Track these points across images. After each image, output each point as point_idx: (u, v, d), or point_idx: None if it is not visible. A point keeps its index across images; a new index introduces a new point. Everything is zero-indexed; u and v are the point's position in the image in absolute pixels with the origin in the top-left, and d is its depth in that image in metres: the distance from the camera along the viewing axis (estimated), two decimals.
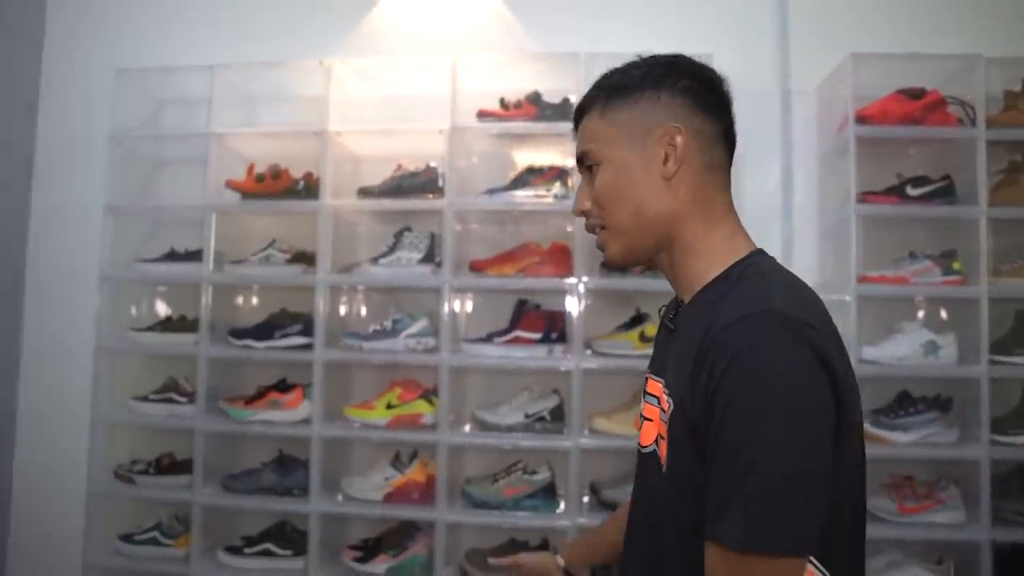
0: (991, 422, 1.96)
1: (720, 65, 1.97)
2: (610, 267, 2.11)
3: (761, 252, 0.92)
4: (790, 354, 0.75)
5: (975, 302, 1.99)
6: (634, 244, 0.93)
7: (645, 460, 0.95)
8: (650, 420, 0.95)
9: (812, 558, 0.77)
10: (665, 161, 0.89)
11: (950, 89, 2.11)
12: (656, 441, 0.91)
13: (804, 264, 2.26)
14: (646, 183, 0.90)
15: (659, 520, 0.89)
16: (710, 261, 0.90)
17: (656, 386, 0.95)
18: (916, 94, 2.09)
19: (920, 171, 2.13)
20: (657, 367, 0.98)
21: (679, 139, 0.89)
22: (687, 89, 0.90)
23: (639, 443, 0.98)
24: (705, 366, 0.78)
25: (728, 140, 0.94)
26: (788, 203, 2.33)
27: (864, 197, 2.05)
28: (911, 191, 2.08)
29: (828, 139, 2.26)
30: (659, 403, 0.91)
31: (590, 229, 0.98)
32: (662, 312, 1.06)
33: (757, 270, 0.86)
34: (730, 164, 0.95)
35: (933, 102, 2.08)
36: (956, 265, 2.05)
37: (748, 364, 0.75)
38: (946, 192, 2.09)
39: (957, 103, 2.09)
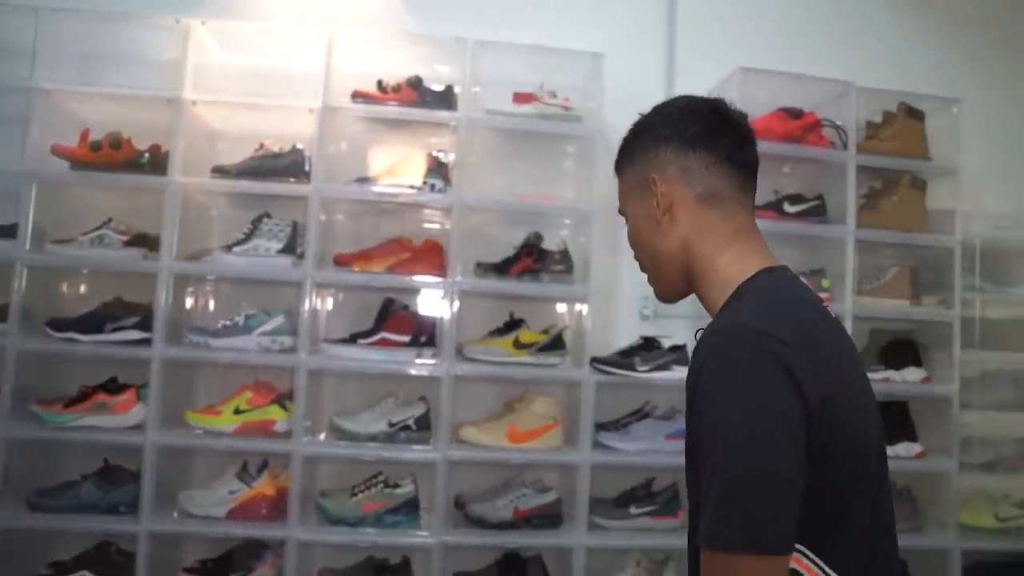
0: None
1: (611, 66, 1.95)
2: (485, 269, 2.08)
3: (769, 270, 0.96)
4: (748, 363, 0.82)
5: (841, 319, 2.05)
6: (663, 281, 1.04)
7: None
8: None
9: (805, 550, 0.83)
10: (658, 207, 1.00)
11: (827, 112, 2.19)
12: None
13: None
14: (652, 228, 1.01)
15: (692, 532, 0.96)
16: (723, 284, 0.96)
17: None
18: (796, 114, 2.17)
19: (793, 189, 2.21)
20: None
21: (660, 187, 0.99)
22: (668, 136, 1.00)
23: None
24: (690, 381, 0.88)
25: (733, 162, 1.00)
26: None
27: None
28: (789, 208, 2.17)
29: None
30: None
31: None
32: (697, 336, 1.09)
33: (754, 287, 0.93)
34: (742, 185, 1.00)
35: (810, 123, 2.17)
36: (825, 283, 2.14)
37: (712, 373, 0.83)
38: (818, 211, 2.18)
39: (832, 126, 2.18)
